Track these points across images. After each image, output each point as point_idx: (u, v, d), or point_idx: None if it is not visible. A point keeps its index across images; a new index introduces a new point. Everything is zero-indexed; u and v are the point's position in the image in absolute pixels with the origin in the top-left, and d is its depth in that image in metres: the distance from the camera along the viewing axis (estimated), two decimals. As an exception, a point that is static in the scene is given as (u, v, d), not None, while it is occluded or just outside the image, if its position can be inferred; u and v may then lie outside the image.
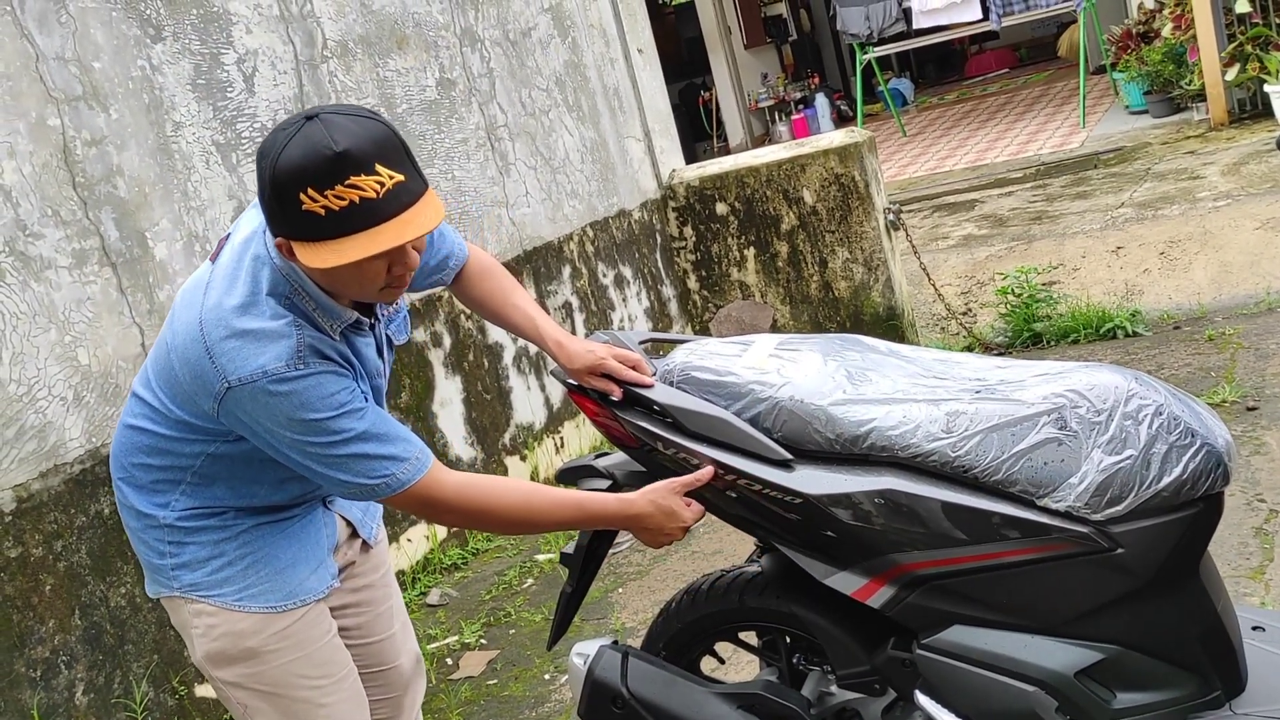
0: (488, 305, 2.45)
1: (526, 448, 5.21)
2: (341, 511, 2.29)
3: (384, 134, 1.84)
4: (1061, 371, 2.03)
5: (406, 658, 2.43)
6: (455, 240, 2.37)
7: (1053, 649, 1.97)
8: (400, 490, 1.97)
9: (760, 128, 14.99)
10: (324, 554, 2.21)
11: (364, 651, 2.34)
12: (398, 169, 1.83)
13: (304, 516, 2.20)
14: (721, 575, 2.42)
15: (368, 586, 2.35)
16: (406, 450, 1.97)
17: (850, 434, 2.02)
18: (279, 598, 2.12)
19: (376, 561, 2.38)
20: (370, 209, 1.79)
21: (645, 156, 6.41)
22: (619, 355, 2.24)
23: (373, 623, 2.36)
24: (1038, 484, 1.92)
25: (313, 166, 1.77)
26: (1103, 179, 8.11)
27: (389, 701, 2.40)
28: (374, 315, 2.09)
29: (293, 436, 1.92)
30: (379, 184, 1.79)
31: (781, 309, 6.28)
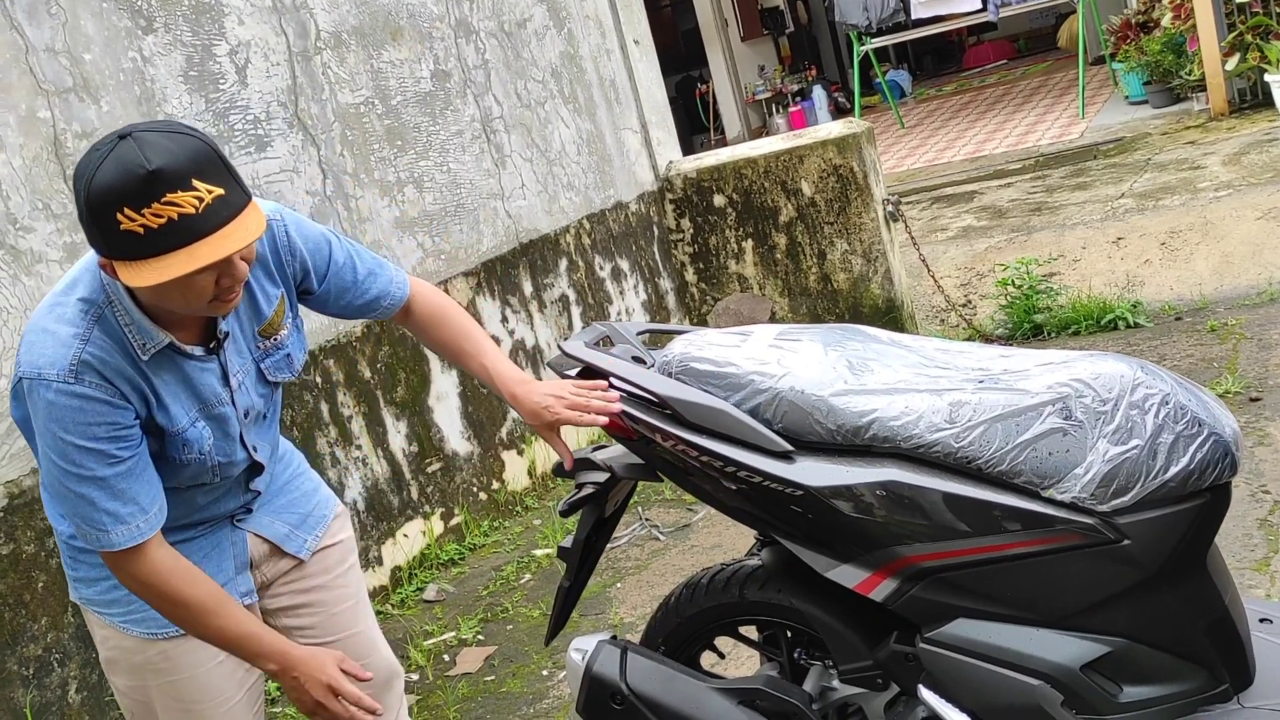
0: (440, 351, 2.46)
1: (524, 442, 5.18)
2: (258, 531, 2.27)
3: (201, 149, 1.82)
4: (1066, 361, 2.00)
5: (372, 659, 2.39)
6: (390, 280, 2.33)
7: (1058, 642, 1.94)
8: (106, 548, 1.97)
9: (757, 120, 14.95)
10: (227, 575, 2.21)
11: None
12: (216, 183, 1.82)
13: (202, 539, 2.20)
14: (721, 569, 2.39)
15: (319, 587, 2.35)
16: (132, 516, 1.96)
17: (852, 425, 1.99)
18: (161, 624, 2.13)
19: (328, 564, 2.37)
20: (189, 225, 1.78)
21: (642, 148, 6.38)
22: (572, 403, 2.18)
23: (328, 622, 2.35)
24: (1042, 475, 1.89)
25: (127, 186, 1.76)
26: (1103, 170, 8.08)
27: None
28: (216, 341, 2.06)
29: (44, 445, 1.93)
30: (197, 199, 1.79)
31: (780, 301, 6.24)
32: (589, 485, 2.34)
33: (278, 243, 2.14)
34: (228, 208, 1.82)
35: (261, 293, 2.13)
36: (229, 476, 2.16)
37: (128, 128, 1.83)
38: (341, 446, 4.31)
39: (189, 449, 2.05)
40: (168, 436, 2.02)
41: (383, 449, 4.48)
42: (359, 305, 2.30)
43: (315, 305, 2.29)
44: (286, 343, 2.19)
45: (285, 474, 2.37)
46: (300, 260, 2.17)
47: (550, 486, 5.24)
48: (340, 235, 2.28)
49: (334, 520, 2.42)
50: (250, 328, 2.13)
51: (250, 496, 2.25)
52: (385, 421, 4.50)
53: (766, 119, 14.63)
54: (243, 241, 1.83)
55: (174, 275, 1.79)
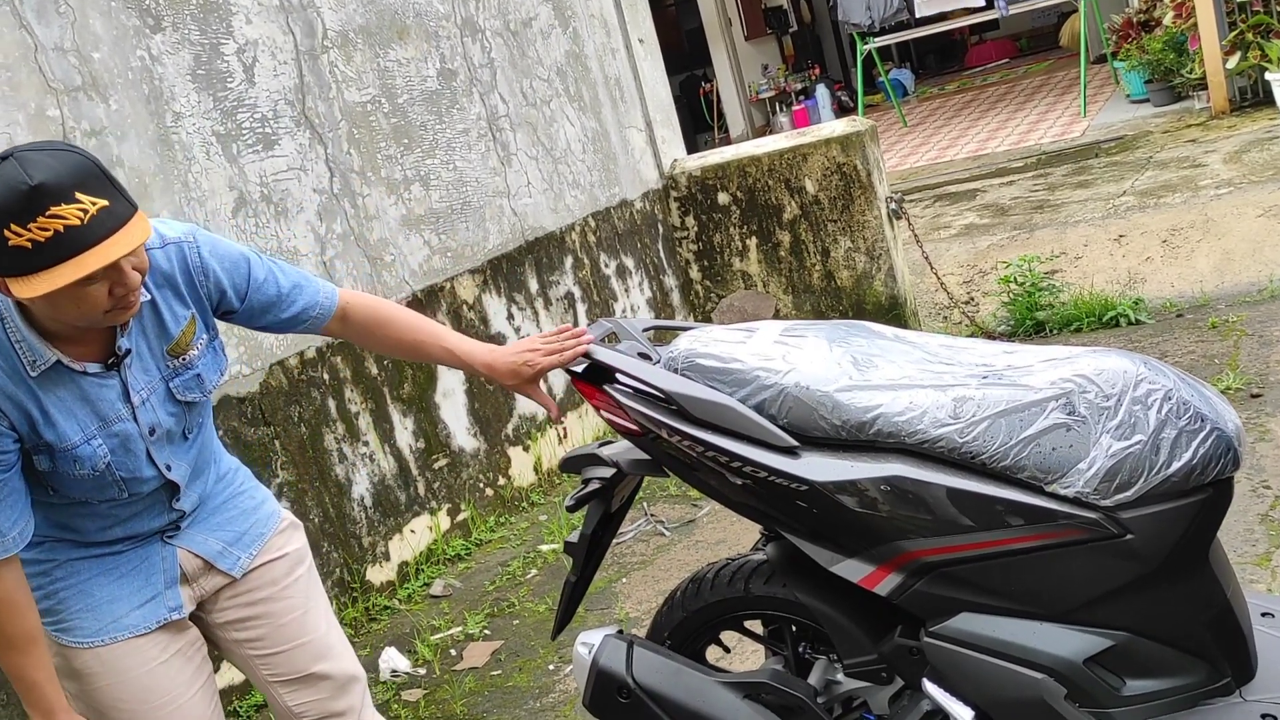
0: (396, 353, 2.49)
1: (530, 438, 5.20)
2: (189, 547, 2.29)
3: (81, 164, 1.88)
4: (1069, 356, 2.01)
5: (327, 666, 2.40)
6: (318, 292, 2.35)
7: (1061, 636, 1.96)
8: None
9: (761, 119, 14.96)
10: (156, 589, 2.24)
11: (272, 660, 2.37)
12: (100, 195, 1.87)
13: (131, 553, 2.24)
14: (727, 564, 2.41)
15: (265, 600, 2.37)
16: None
17: (856, 420, 2.00)
18: (89, 634, 2.18)
19: (274, 576, 2.38)
20: (76, 236, 1.84)
21: (647, 147, 6.40)
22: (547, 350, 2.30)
23: (275, 634, 2.37)
24: (1046, 470, 1.90)
25: (11, 203, 1.81)
26: (1104, 168, 8.09)
27: (314, 704, 2.39)
28: (115, 357, 2.09)
29: None
30: (82, 211, 1.84)
31: (784, 299, 6.26)
32: (595, 481, 2.36)
33: (189, 264, 2.18)
34: (112, 218, 1.88)
35: (169, 312, 2.16)
36: (139, 493, 2.18)
37: (9, 150, 1.88)
38: (349, 443, 4.33)
39: (80, 465, 2.07)
40: (57, 453, 2.05)
41: (390, 445, 4.51)
42: (286, 319, 2.33)
43: (242, 322, 2.32)
44: (196, 363, 2.21)
45: (225, 492, 2.38)
46: (215, 280, 2.21)
47: (556, 482, 5.26)
48: (262, 255, 2.31)
49: (276, 535, 2.42)
50: (158, 346, 2.16)
51: (176, 515, 2.27)
52: (392, 418, 4.52)
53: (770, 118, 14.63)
54: (128, 247, 1.88)
55: (63, 283, 1.84)
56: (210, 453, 2.35)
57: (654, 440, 2.18)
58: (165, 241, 2.16)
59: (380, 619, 4.27)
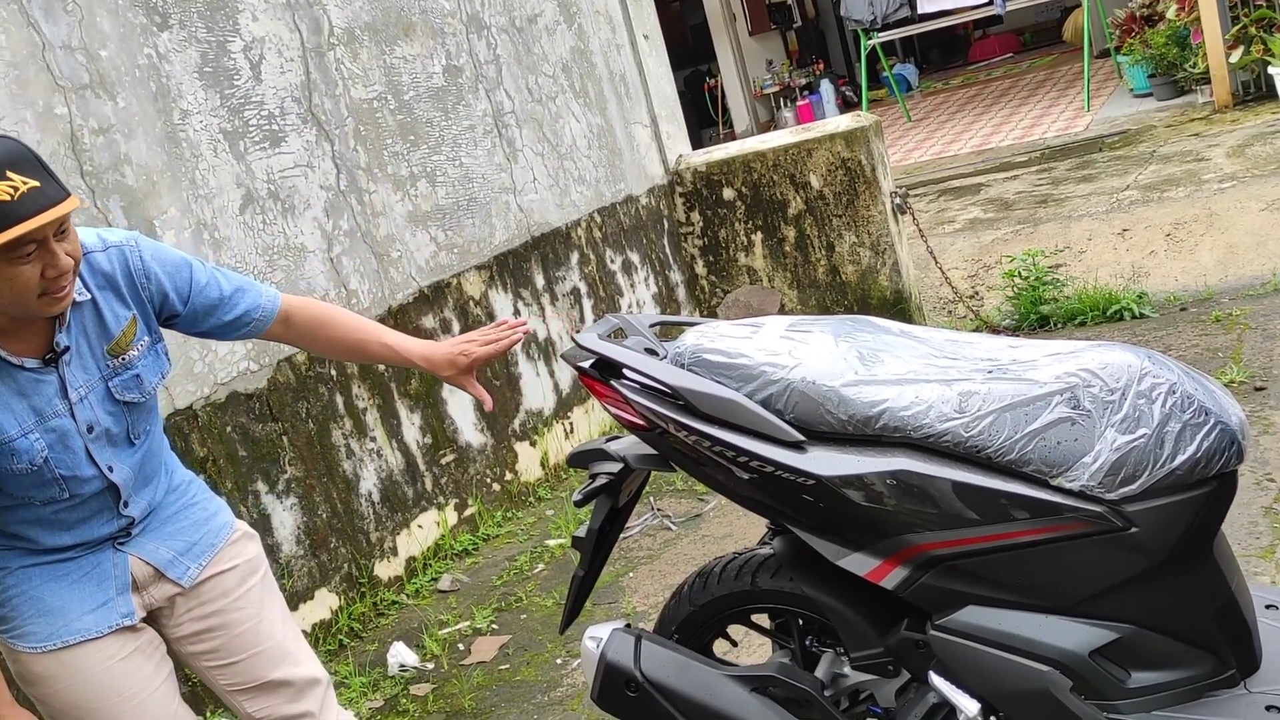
0: (338, 354, 2.56)
1: (536, 433, 5.22)
2: (139, 554, 2.31)
3: (13, 147, 1.96)
4: (1074, 351, 2.02)
5: (284, 672, 2.42)
6: (260, 294, 2.41)
7: (1067, 628, 1.97)
8: None
9: (765, 114, 14.95)
10: (107, 595, 2.27)
11: (229, 670, 2.39)
12: (31, 176, 1.94)
13: (81, 559, 2.26)
14: (734, 558, 2.42)
15: (218, 612, 2.39)
16: None
17: (862, 415, 2.02)
18: (41, 639, 2.22)
19: (223, 589, 2.40)
20: (5, 211, 1.90)
21: (652, 142, 6.41)
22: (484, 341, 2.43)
23: (229, 644, 2.39)
24: (1051, 463, 1.91)
25: None
26: (1108, 162, 8.09)
27: (275, 708, 2.41)
28: (53, 353, 2.13)
29: None
30: (12, 189, 1.91)
31: (789, 293, 6.27)
32: (602, 475, 2.37)
33: (130, 266, 2.23)
34: (44, 196, 1.94)
35: (110, 312, 2.21)
36: (80, 494, 2.20)
37: None
38: (356, 438, 4.35)
39: (18, 459, 2.11)
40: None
41: (397, 440, 4.52)
42: (229, 321, 2.37)
43: (186, 327, 2.36)
44: (136, 363, 2.25)
45: (177, 503, 2.41)
46: (157, 283, 2.26)
47: (563, 477, 5.28)
48: (205, 261, 2.37)
49: (228, 546, 2.44)
50: (99, 346, 2.20)
51: (125, 521, 2.29)
52: (399, 413, 4.54)
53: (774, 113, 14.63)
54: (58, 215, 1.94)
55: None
56: (160, 461, 2.38)
57: (661, 435, 2.19)
58: (107, 245, 2.22)
59: (388, 614, 4.28)
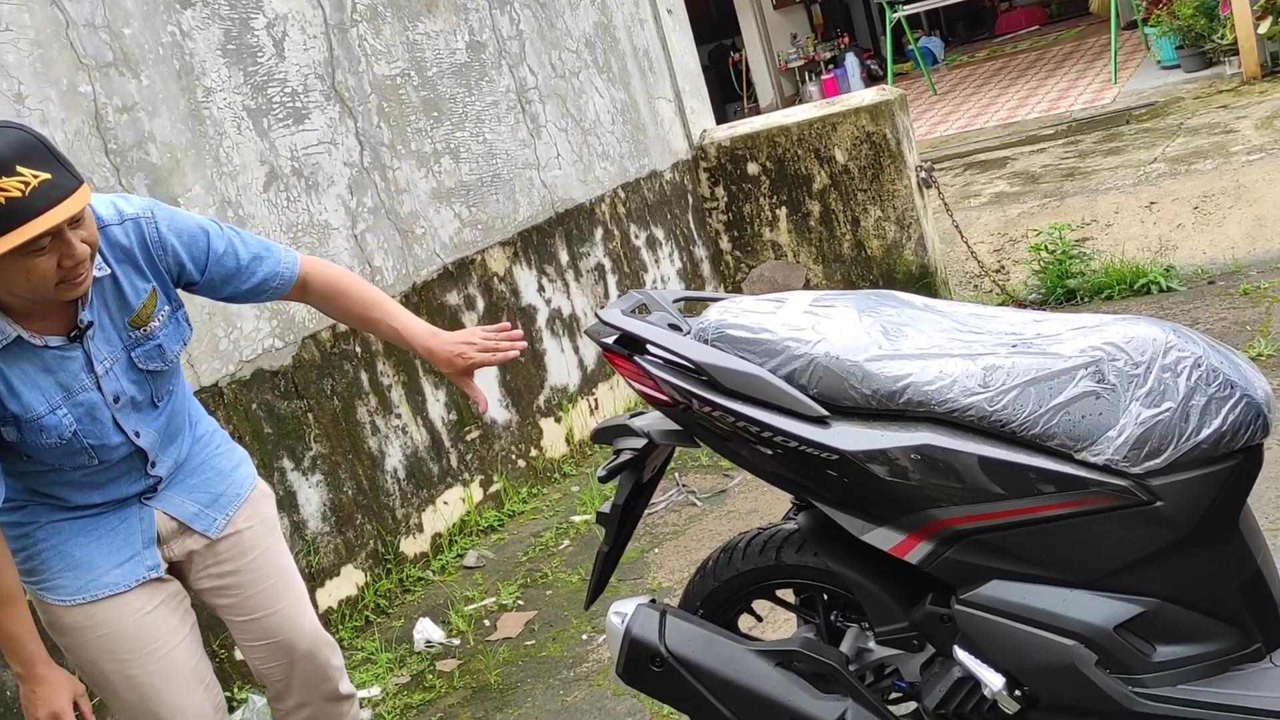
0: (348, 322, 2.59)
1: (561, 409, 5.23)
2: (165, 509, 2.38)
3: (23, 139, 1.95)
4: (1099, 324, 2.01)
5: (294, 633, 2.52)
6: (279, 262, 2.43)
7: (1092, 603, 1.96)
8: None
9: (790, 88, 14.87)
10: (134, 549, 2.33)
11: (246, 627, 2.50)
12: (42, 169, 1.94)
13: (110, 514, 2.33)
14: (758, 533, 2.42)
15: (236, 571, 2.47)
16: None
17: (886, 389, 2.01)
18: (70, 592, 2.28)
19: (244, 548, 2.48)
20: (19, 207, 1.90)
21: (676, 117, 6.38)
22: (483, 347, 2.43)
23: (245, 603, 2.48)
24: (1075, 438, 1.91)
25: None
26: (1135, 135, 8.01)
27: (282, 666, 2.54)
28: (78, 330, 2.16)
29: None
30: (23, 184, 1.91)
31: (814, 269, 6.25)
32: (627, 451, 2.37)
33: (147, 239, 2.24)
34: (56, 189, 1.94)
35: (129, 285, 2.23)
36: (109, 460, 2.26)
37: None
38: (381, 415, 4.37)
39: (47, 434, 2.16)
40: (23, 423, 2.14)
41: (422, 417, 4.54)
42: (248, 289, 2.40)
43: (205, 293, 2.39)
44: (158, 333, 2.28)
45: (201, 454, 2.46)
46: (174, 254, 2.27)
47: (587, 453, 5.30)
48: (223, 225, 2.37)
49: (247, 504, 2.50)
50: (120, 318, 2.23)
51: (153, 480, 2.36)
52: (424, 390, 4.56)
53: (799, 87, 14.54)
54: (67, 214, 1.94)
55: (6, 249, 1.90)
56: (183, 418, 2.42)
57: (685, 411, 2.19)
58: (124, 218, 2.23)
59: (414, 590, 4.31)
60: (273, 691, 2.62)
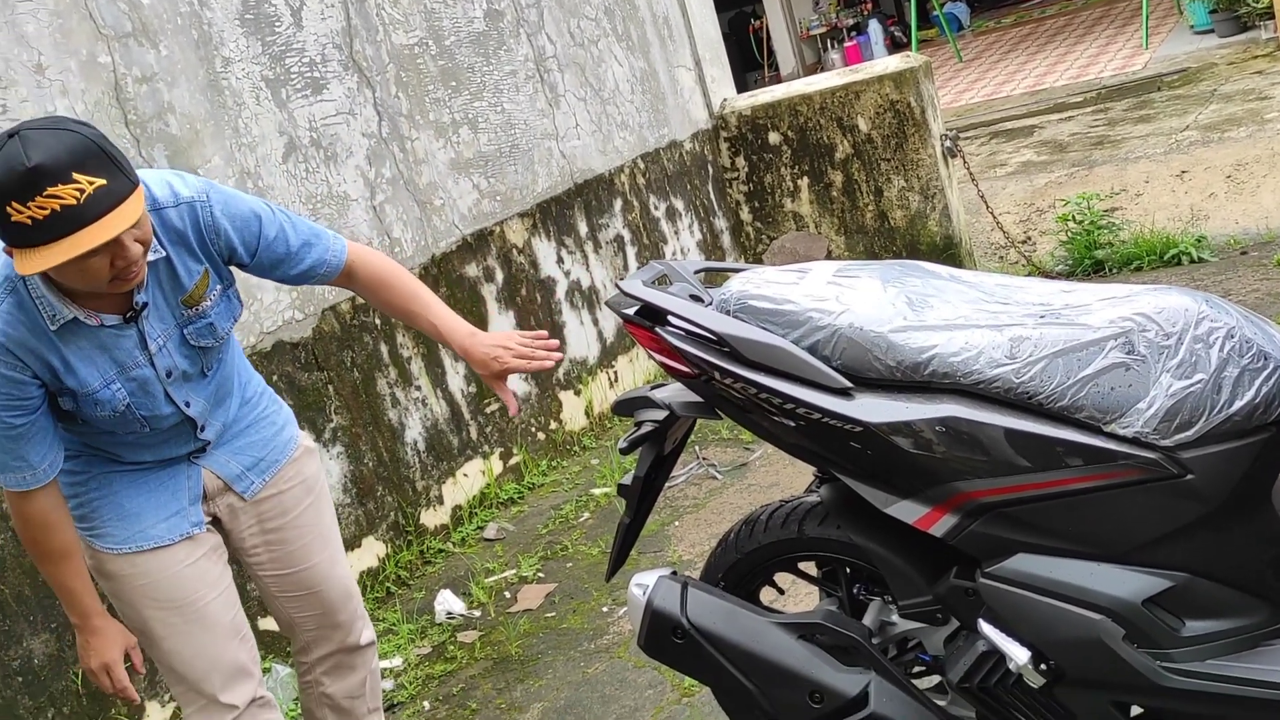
0: (388, 312, 2.62)
1: (580, 382, 5.21)
2: (211, 468, 2.46)
3: (81, 144, 1.97)
4: (1129, 295, 1.97)
5: (329, 585, 2.63)
6: (326, 250, 2.46)
7: (1120, 577, 1.93)
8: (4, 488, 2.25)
9: (812, 56, 14.75)
10: (180, 505, 2.42)
11: (284, 580, 2.60)
12: (98, 175, 1.96)
13: (159, 470, 2.41)
14: (780, 506, 2.40)
15: (277, 529, 2.56)
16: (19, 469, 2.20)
17: (911, 361, 1.98)
18: (118, 541, 2.37)
19: (285, 507, 2.56)
20: (72, 215, 1.94)
21: (696, 86, 6.33)
22: (519, 353, 2.45)
23: (283, 558, 2.57)
24: (1104, 410, 1.87)
25: (11, 182, 1.92)
26: (1167, 101, 7.90)
27: (315, 617, 2.65)
28: (132, 310, 2.21)
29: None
30: (79, 191, 1.94)
31: (836, 239, 6.20)
32: (648, 423, 2.35)
33: (201, 223, 2.28)
34: (110, 196, 1.97)
35: (182, 267, 2.28)
36: (160, 427, 2.34)
37: (18, 126, 1.98)
38: (401, 387, 4.36)
39: (101, 407, 2.23)
40: (79, 396, 2.21)
41: (442, 390, 4.53)
42: (295, 274, 2.45)
43: (254, 274, 2.45)
44: (210, 312, 2.34)
45: (249, 416, 2.54)
46: (226, 239, 2.32)
47: (607, 426, 5.28)
48: (275, 209, 2.40)
49: (290, 464, 2.58)
50: (173, 298, 2.29)
51: (202, 442, 2.44)
52: (443, 362, 4.54)
53: (821, 55, 14.42)
54: (123, 225, 1.98)
55: (57, 262, 1.95)
56: (232, 383, 2.50)
57: (707, 382, 2.17)
58: (179, 200, 2.26)
59: (435, 562, 4.32)
60: (300, 643, 2.70)
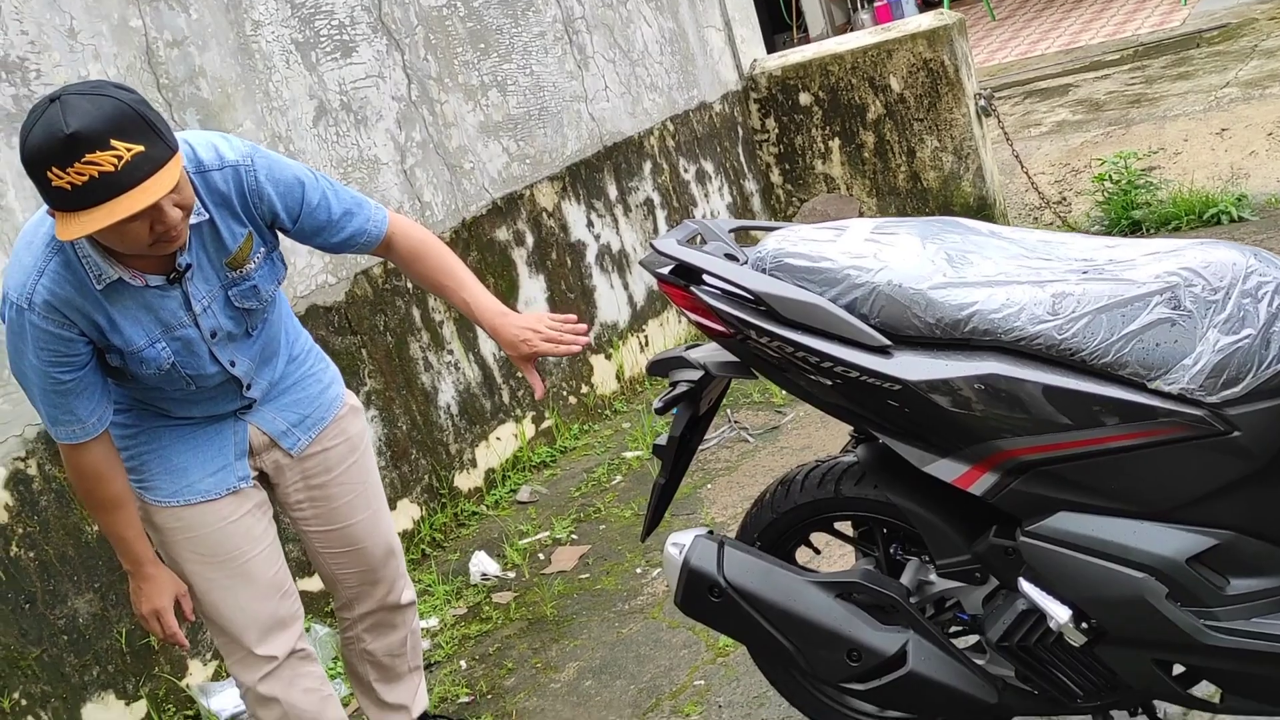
0: (423, 285, 2.63)
1: (611, 346, 5.20)
2: (258, 424, 2.50)
3: (120, 110, 1.97)
4: (1175, 249, 1.94)
5: (372, 542, 2.68)
6: (367, 219, 2.47)
7: (1163, 535, 1.91)
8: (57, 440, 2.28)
9: (841, 16, 14.58)
10: (226, 460, 2.46)
11: (328, 536, 2.64)
12: (136, 141, 1.97)
13: (207, 426, 2.45)
14: (817, 465, 2.38)
15: (322, 485, 2.60)
16: (68, 423, 2.24)
17: (951, 318, 1.96)
18: (167, 494, 2.42)
19: (329, 464, 2.60)
20: (110, 182, 1.95)
21: (725, 47, 6.27)
22: (548, 336, 2.44)
23: (328, 514, 2.62)
24: (1149, 366, 1.85)
25: (50, 148, 1.93)
26: (1206, 58, 7.77)
27: (357, 574, 2.70)
28: (175, 271, 2.22)
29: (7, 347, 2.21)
30: (116, 158, 1.94)
31: (868, 201, 6.15)
32: (683, 383, 2.34)
33: (245, 187, 2.28)
34: (148, 162, 1.98)
35: (226, 229, 2.29)
36: (206, 386, 2.38)
37: (59, 90, 1.99)
38: (434, 351, 4.36)
39: (147, 365, 2.26)
40: (126, 355, 2.24)
41: (474, 354, 4.53)
42: (335, 242, 2.46)
43: (296, 239, 2.46)
44: (254, 275, 2.35)
45: (296, 373, 2.57)
46: (269, 204, 2.32)
47: (638, 390, 5.27)
48: (319, 176, 2.40)
49: (336, 422, 2.61)
50: (217, 259, 2.29)
51: (249, 400, 2.47)
52: (474, 327, 4.53)
53: (851, 15, 14.24)
54: (161, 192, 1.99)
55: (96, 228, 1.96)
56: (279, 341, 2.51)
57: (742, 342, 2.15)
58: (224, 164, 2.27)
59: (469, 524, 4.33)
60: (341, 599, 2.75)
